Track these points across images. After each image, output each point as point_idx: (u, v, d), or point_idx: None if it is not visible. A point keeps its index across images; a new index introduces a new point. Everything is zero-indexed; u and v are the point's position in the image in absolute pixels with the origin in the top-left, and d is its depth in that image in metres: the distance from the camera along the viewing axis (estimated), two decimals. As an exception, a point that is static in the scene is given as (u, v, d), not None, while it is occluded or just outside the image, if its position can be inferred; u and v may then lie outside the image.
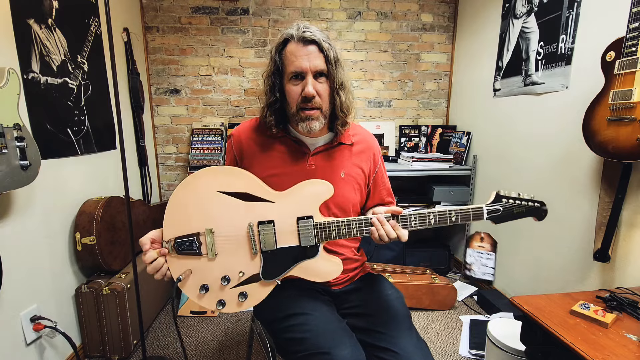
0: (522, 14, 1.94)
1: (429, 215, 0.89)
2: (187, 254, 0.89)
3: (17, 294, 1.33)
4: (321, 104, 0.94)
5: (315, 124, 0.95)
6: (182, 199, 0.89)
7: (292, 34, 0.92)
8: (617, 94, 1.22)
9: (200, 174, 0.90)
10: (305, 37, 0.90)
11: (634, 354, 0.89)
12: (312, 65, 0.91)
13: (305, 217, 0.89)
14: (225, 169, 0.92)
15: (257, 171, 1.00)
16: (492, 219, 0.91)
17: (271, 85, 0.97)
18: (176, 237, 0.89)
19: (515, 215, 0.91)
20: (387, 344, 0.88)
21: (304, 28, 0.91)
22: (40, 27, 1.44)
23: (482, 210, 0.90)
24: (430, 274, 2.24)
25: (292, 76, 0.93)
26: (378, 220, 0.87)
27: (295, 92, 0.93)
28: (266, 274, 0.90)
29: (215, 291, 0.90)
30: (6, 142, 1.13)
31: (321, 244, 0.90)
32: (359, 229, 0.89)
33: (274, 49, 0.96)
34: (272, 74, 0.96)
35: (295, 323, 0.89)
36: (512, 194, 0.92)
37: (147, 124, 2.46)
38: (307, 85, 0.91)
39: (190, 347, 1.78)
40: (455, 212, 0.89)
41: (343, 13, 2.57)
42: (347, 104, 0.98)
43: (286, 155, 1.02)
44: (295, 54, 0.91)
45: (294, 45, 0.91)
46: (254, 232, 0.89)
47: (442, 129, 2.70)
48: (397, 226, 0.86)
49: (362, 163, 1.07)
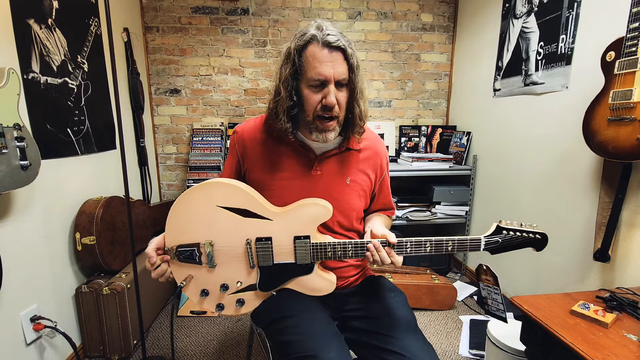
0: (522, 14, 1.94)
1: (425, 244, 0.89)
2: (188, 262, 0.93)
3: (17, 294, 1.33)
4: (339, 113, 0.91)
5: (331, 135, 0.92)
6: (184, 210, 0.91)
7: (314, 36, 0.85)
8: (617, 94, 1.22)
9: (201, 187, 0.91)
10: (330, 42, 0.84)
11: (634, 354, 0.89)
12: (337, 73, 0.85)
13: (302, 236, 0.91)
14: (226, 183, 0.92)
15: (260, 174, 1.00)
16: (490, 250, 0.90)
17: (290, 89, 0.90)
18: (178, 246, 0.92)
19: (514, 247, 0.90)
20: (394, 346, 0.88)
21: (327, 30, 0.85)
22: (40, 27, 1.44)
23: (479, 241, 0.89)
24: (430, 274, 2.24)
25: (313, 83, 0.87)
26: (374, 246, 0.88)
27: (315, 99, 0.88)
28: (262, 286, 0.94)
29: (215, 296, 0.94)
30: (6, 142, 1.13)
31: (316, 262, 0.93)
32: (354, 252, 0.91)
33: (293, 49, 0.88)
34: (291, 76, 0.89)
35: (286, 326, 0.89)
36: (513, 224, 0.90)
37: (147, 124, 2.47)
38: (329, 94, 0.86)
39: (190, 347, 1.78)
40: (452, 241, 0.89)
41: (343, 13, 2.57)
42: (365, 112, 0.94)
43: (292, 159, 0.99)
44: (319, 60, 0.85)
45: (317, 48, 0.85)
46: (252, 248, 0.92)
47: (442, 129, 2.70)
48: (392, 253, 0.87)
49: (369, 169, 1.05)
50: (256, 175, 1.01)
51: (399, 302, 1.01)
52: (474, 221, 2.47)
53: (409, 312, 0.99)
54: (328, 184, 0.99)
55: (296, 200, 0.95)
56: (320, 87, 0.88)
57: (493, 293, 1.01)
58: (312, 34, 0.86)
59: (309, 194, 0.97)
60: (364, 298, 1.03)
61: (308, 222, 0.92)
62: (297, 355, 0.81)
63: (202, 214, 0.91)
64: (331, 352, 0.80)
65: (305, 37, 0.86)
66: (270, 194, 0.97)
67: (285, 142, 0.99)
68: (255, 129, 1.03)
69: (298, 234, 0.92)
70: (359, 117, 0.93)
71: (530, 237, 0.88)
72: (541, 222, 1.83)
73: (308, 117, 0.91)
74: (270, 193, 0.97)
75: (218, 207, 0.91)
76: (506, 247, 0.89)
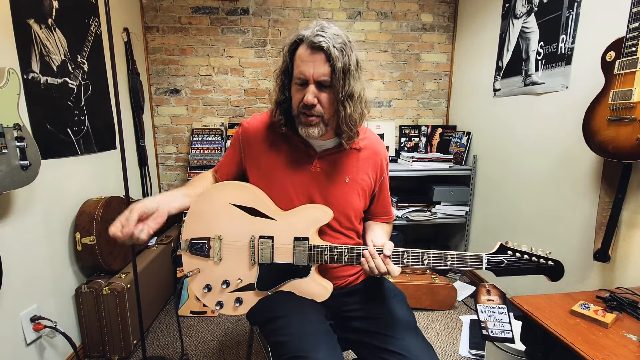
0: (522, 14, 1.94)
1: (423, 256, 0.87)
2: (198, 254, 1.00)
3: (17, 294, 1.33)
4: (322, 112, 0.90)
5: (313, 130, 0.92)
6: (201, 207, 1.00)
7: (304, 36, 0.87)
8: (617, 94, 1.22)
9: (218, 187, 1.01)
10: (314, 42, 0.85)
11: (634, 354, 0.89)
12: (316, 74, 0.86)
13: (301, 237, 0.95)
14: (239, 185, 1.01)
15: (260, 167, 1.01)
16: (494, 270, 0.85)
17: (281, 85, 0.96)
18: (191, 238, 1.00)
19: (523, 271, 0.82)
20: (394, 346, 0.88)
21: (317, 31, 0.86)
22: (40, 27, 1.44)
23: (481, 259, 0.85)
24: (430, 274, 2.24)
25: (297, 81, 0.90)
26: (369, 252, 0.88)
27: (298, 97, 0.91)
28: (260, 285, 0.97)
29: (216, 292, 0.99)
30: (6, 142, 1.13)
31: (313, 265, 0.95)
32: (350, 258, 0.92)
33: (286, 47, 0.92)
34: (283, 72, 0.95)
35: (279, 326, 0.89)
36: (522, 247, 0.83)
37: (147, 124, 2.46)
38: (307, 93, 0.88)
39: (190, 347, 1.78)
40: (452, 256, 0.85)
41: (343, 13, 2.57)
42: (355, 117, 0.91)
43: (292, 155, 1.01)
44: (302, 59, 0.88)
45: (303, 48, 0.88)
46: (255, 244, 0.97)
47: (442, 129, 2.70)
48: (388, 261, 0.87)
49: (369, 169, 1.05)
50: (256, 169, 1.02)
51: (399, 302, 1.01)
52: (474, 221, 2.47)
53: (408, 312, 0.99)
54: (326, 181, 1.00)
55: (294, 195, 0.98)
56: (303, 86, 0.90)
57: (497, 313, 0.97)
58: (303, 34, 0.88)
59: (307, 190, 0.99)
60: (363, 298, 1.03)
61: (308, 224, 0.95)
62: (289, 355, 0.81)
63: (216, 210, 0.99)
64: (321, 353, 0.80)
65: (297, 37, 0.89)
66: (270, 188, 0.99)
67: (287, 138, 1.01)
68: (261, 124, 1.05)
69: (298, 235, 0.95)
70: (343, 122, 0.92)
71: (540, 263, 0.82)
72: (541, 221, 1.85)
73: (294, 112, 0.94)
74: (269, 187, 0.99)
75: (230, 205, 0.99)
76: (513, 271, 0.83)
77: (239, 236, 0.98)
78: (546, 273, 0.83)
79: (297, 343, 0.83)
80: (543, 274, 0.83)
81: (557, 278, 0.82)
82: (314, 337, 0.85)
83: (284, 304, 0.94)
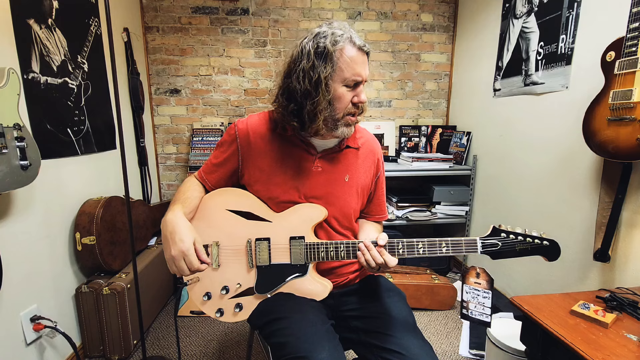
0: (522, 14, 1.94)
1: (418, 244, 0.89)
2: None
3: (17, 294, 1.33)
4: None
5: (351, 129, 0.98)
6: (201, 215, 1.01)
7: (349, 37, 0.89)
8: (617, 94, 1.22)
9: (215, 194, 1.03)
10: (362, 45, 0.91)
11: (634, 354, 0.89)
12: (366, 75, 0.94)
13: (297, 237, 0.96)
14: (235, 191, 1.02)
15: (261, 168, 1.00)
16: (490, 253, 0.85)
17: (325, 90, 0.89)
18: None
19: (519, 253, 0.83)
20: (393, 345, 0.88)
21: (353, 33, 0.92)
22: (40, 27, 1.44)
23: (475, 242, 0.86)
24: (430, 274, 2.24)
25: (349, 82, 0.91)
26: (365, 245, 0.89)
27: (348, 98, 0.92)
28: (259, 288, 0.98)
29: (216, 299, 0.99)
30: (6, 142, 1.13)
31: (310, 263, 0.96)
32: (346, 253, 0.93)
33: (332, 49, 0.87)
34: (325, 78, 0.88)
35: (279, 327, 0.89)
36: (516, 229, 0.84)
37: (147, 124, 2.46)
38: (361, 93, 0.93)
39: (190, 347, 1.78)
40: (446, 242, 0.87)
41: (343, 13, 2.57)
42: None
43: (293, 155, 1.01)
44: (356, 61, 0.90)
45: (354, 51, 0.90)
46: (252, 247, 0.98)
47: (442, 129, 2.69)
48: (384, 251, 0.88)
49: (367, 167, 1.07)
50: (257, 170, 1.01)
51: (398, 302, 1.01)
52: (474, 221, 2.47)
53: (407, 312, 0.99)
54: (327, 180, 1.01)
55: (296, 195, 0.98)
56: (354, 87, 0.93)
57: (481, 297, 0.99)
58: (347, 36, 0.90)
59: (309, 189, 0.99)
60: (363, 298, 1.04)
61: (303, 223, 0.97)
62: (290, 356, 0.81)
63: (212, 217, 1.00)
64: (323, 353, 0.80)
65: (343, 38, 0.89)
66: (271, 188, 0.99)
67: (287, 138, 1.01)
68: (259, 124, 1.03)
69: (294, 235, 0.96)
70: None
71: (535, 243, 0.82)
72: (541, 221, 1.84)
73: (338, 115, 0.93)
74: (271, 187, 0.99)
75: (226, 211, 1.00)
76: (508, 253, 0.84)
77: (236, 241, 0.98)
78: (542, 253, 0.83)
79: (299, 343, 0.82)
80: (539, 255, 0.83)
81: (554, 257, 0.82)
82: (316, 337, 0.85)
83: (284, 305, 0.94)
